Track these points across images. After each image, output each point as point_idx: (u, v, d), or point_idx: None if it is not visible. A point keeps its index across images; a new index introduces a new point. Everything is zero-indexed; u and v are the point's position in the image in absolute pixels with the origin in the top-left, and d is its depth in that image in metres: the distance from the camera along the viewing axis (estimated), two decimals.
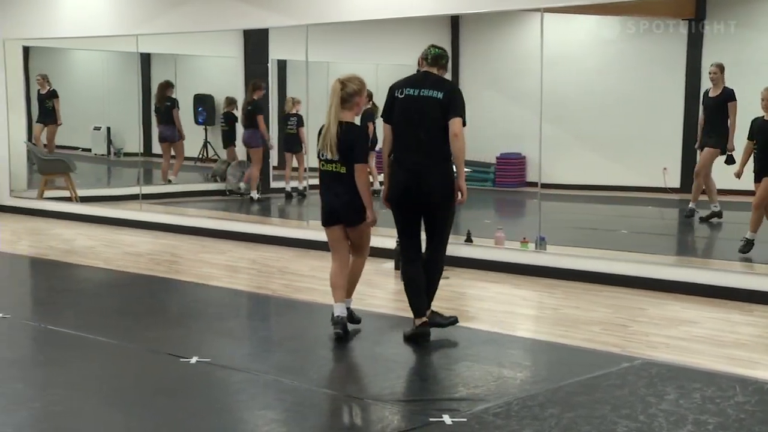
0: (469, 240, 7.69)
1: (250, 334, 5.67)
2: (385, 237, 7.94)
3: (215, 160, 12.48)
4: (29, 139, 11.78)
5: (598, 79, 11.79)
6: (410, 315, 5.88)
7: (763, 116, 7.37)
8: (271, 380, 4.49)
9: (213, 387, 4.45)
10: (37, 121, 12.58)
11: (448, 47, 11.47)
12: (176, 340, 5.34)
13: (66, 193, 10.92)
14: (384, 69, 12.20)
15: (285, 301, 6.34)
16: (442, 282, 6.82)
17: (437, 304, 5.58)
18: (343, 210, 5.23)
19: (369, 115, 9.87)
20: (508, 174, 12.00)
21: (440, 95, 5.10)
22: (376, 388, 4.37)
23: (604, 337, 5.34)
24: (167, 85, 11.97)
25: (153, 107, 12.08)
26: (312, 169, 12.03)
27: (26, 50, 11.81)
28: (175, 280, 6.99)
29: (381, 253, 7.77)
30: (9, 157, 11.00)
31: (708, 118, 8.68)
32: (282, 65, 12.25)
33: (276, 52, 11.10)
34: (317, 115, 11.56)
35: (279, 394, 4.31)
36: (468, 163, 8.33)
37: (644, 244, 8.13)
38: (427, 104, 5.10)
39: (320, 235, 8.29)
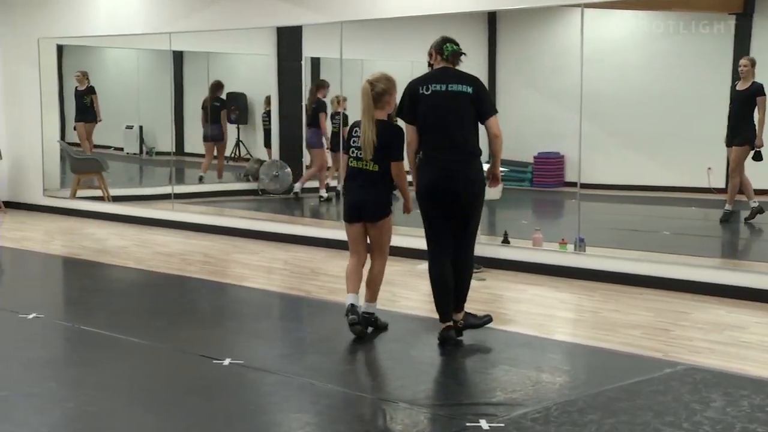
0: (506, 241, 7.66)
1: (283, 336, 5.69)
2: (419, 237, 7.93)
3: (248, 160, 12.57)
4: (62, 137, 11.94)
5: (639, 76, 11.67)
6: None
7: None
8: (305, 383, 4.50)
9: (246, 389, 4.47)
10: (77, 120, 12.69)
11: (484, 45, 11.53)
12: (209, 341, 5.38)
13: (98, 193, 11.06)
14: (419, 66, 12.17)
15: (318, 303, 6.36)
16: (478, 284, 6.86)
17: (471, 306, 5.56)
18: (366, 207, 5.30)
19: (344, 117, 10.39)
20: (546, 174, 11.92)
21: (470, 89, 5.08)
22: (411, 391, 4.36)
23: (645, 341, 5.29)
24: (218, 86, 12.16)
25: (201, 105, 12.22)
26: None
27: (60, 49, 11.96)
28: (208, 281, 7.04)
29: (414, 253, 7.76)
30: (43, 156, 11.16)
31: (736, 113, 8.57)
32: (315, 63, 12.29)
33: (309, 49, 11.13)
34: (352, 113, 11.60)
35: (312, 397, 4.32)
36: (505, 163, 8.28)
37: (687, 245, 8.03)
38: (458, 99, 5.07)
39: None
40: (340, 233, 8.53)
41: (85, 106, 12.43)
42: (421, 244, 7.59)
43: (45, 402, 4.19)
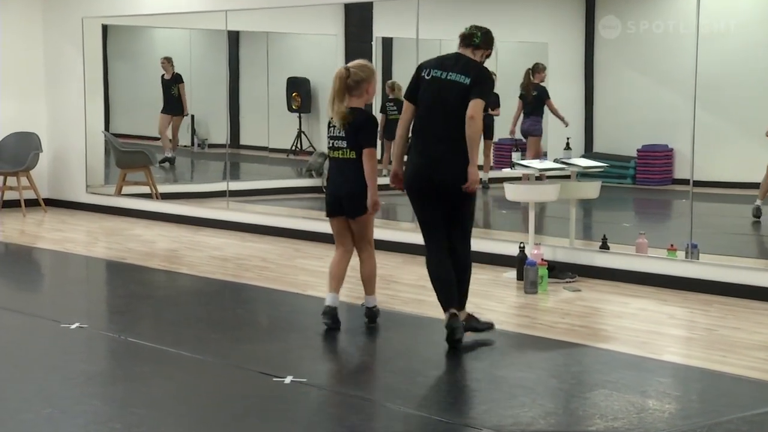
0: (604, 246, 7.57)
1: (351, 352, 5.73)
2: (506, 242, 7.90)
3: (311, 153, 12.64)
4: (107, 128, 12.18)
5: (765, 58, 11.37)
6: (537, 332, 5.84)
7: None
8: (376, 405, 4.51)
9: (309, 410, 4.51)
10: (162, 111, 12.91)
11: (581, 22, 11.40)
12: (268, 356, 5.44)
13: (146, 189, 11.27)
14: (505, 47, 12.12)
15: (390, 315, 6.37)
16: (573, 296, 6.79)
17: (567, 322, 5.50)
18: (345, 201, 5.74)
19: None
20: (652, 170, 11.71)
21: (467, 80, 5.37)
22: (497, 416, 4.34)
23: None
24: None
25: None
26: None
27: (104, 29, 12.22)
28: (267, 289, 7.13)
29: (500, 260, 7.73)
30: (86, 149, 11.40)
31: None
32: (387, 43, 12.32)
33: (381, 28, 11.17)
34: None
35: (385, 421, 4.33)
36: (604, 157, 8.22)
37: None
38: (453, 89, 5.38)
39: None
40: (416, 236, 8.53)
41: (173, 98, 12.53)
42: (508, 249, 7.60)
43: (90, 422, 4.30)
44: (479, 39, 5.52)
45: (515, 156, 7.94)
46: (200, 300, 7.10)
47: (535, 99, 10.91)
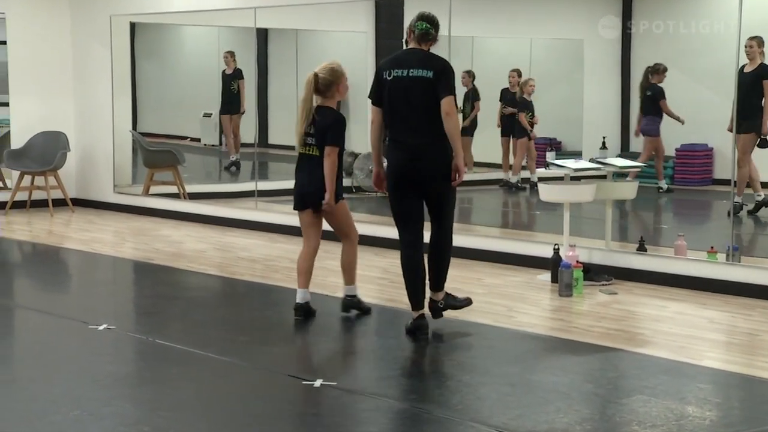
0: (642, 248, 7.52)
1: (382, 355, 5.73)
2: (540, 243, 7.87)
3: None
4: (134, 127, 12.26)
5: None
6: (572, 336, 5.82)
7: None
8: (407, 409, 4.52)
9: (339, 415, 4.52)
10: (222, 112, 12.86)
11: (618, 17, 11.32)
12: (298, 359, 5.46)
13: (173, 189, 11.34)
14: (539, 44, 12.11)
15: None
16: (608, 299, 6.76)
17: (602, 325, 5.46)
18: (312, 194, 6.08)
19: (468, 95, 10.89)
20: (691, 169, 11.61)
21: (430, 74, 5.63)
22: (531, 422, 4.33)
23: None
24: None
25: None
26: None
27: (132, 27, 12.30)
28: (296, 290, 7.12)
29: (534, 262, 7.70)
30: (113, 148, 11.47)
31: (742, 98, 8.68)
32: None
33: None
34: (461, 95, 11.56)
35: (416, 426, 4.33)
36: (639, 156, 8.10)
37: None
38: (418, 84, 5.64)
39: (463, 240, 8.30)
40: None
41: (232, 94, 12.33)
42: (542, 251, 7.57)
43: (118, 424, 4.34)
44: (433, 35, 5.78)
45: (549, 155, 7.89)
46: (228, 302, 7.14)
47: (648, 99, 10.87)
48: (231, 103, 12.42)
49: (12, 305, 7.03)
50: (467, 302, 6.06)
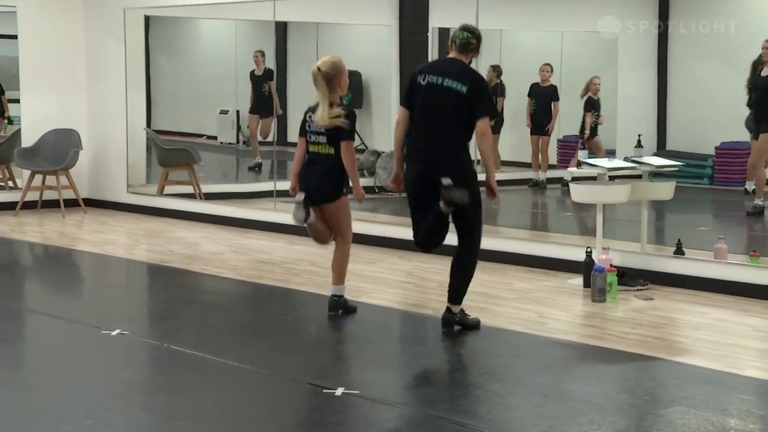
0: (679, 252, 7.47)
1: (406, 362, 5.71)
2: (572, 246, 7.83)
3: (362, 151, 12.66)
4: (148, 124, 12.31)
5: None
6: (606, 343, 5.78)
7: None
8: (433, 419, 4.50)
9: (361, 425, 4.51)
10: (251, 112, 12.87)
11: (654, 10, 11.25)
12: (318, 366, 5.45)
13: (189, 189, 11.37)
14: (571, 37, 12.06)
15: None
16: (645, 305, 6.72)
17: (639, 332, 5.41)
18: (316, 188, 6.28)
19: (493, 91, 10.90)
20: (732, 168, 11.52)
21: (464, 89, 5.76)
22: None
23: None
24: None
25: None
26: None
27: (146, 20, 12.34)
28: (316, 295, 7.14)
29: (566, 266, 7.67)
30: (127, 146, 11.52)
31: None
32: (444, 35, 12.30)
33: (438, 19, 11.14)
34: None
35: None
36: (679, 155, 8.08)
37: None
38: (450, 96, 5.78)
39: (491, 243, 8.28)
40: (483, 241, 8.49)
41: (263, 96, 12.41)
42: (574, 254, 7.53)
43: None
44: (474, 45, 5.92)
45: (582, 154, 7.85)
46: (246, 306, 7.14)
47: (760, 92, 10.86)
48: (263, 104, 12.42)
49: (22, 309, 7.06)
50: (477, 324, 6.09)
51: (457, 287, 6.02)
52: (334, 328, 6.44)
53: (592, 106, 11.14)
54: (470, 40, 5.90)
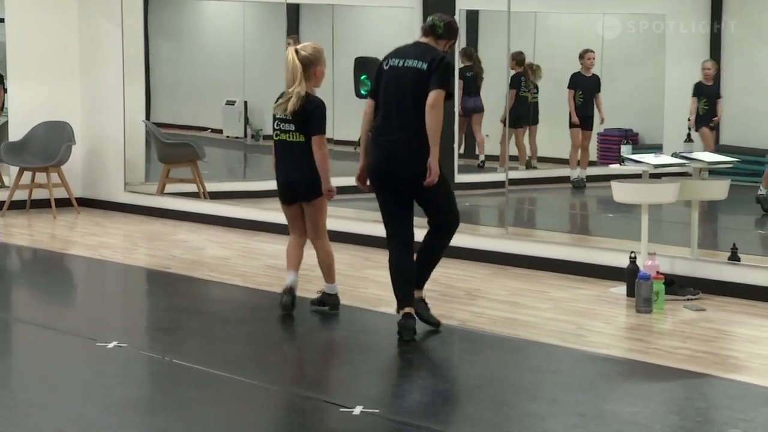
0: (734, 257, 7.44)
1: (430, 378, 5.72)
2: (614, 251, 7.81)
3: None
4: (147, 116, 12.33)
5: None
6: (653, 359, 5.77)
7: None
8: None
9: None
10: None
11: None
12: (334, 382, 5.46)
13: (192, 188, 11.40)
14: (612, 20, 12.03)
15: (476, 335, 6.36)
16: (696, 316, 6.72)
17: (689, 347, 5.39)
18: (299, 186, 6.60)
19: (515, 80, 11.27)
20: None
21: (425, 66, 5.99)
22: None
23: None
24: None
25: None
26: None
27: (145, 2, 12.37)
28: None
29: (607, 273, 7.65)
30: (124, 141, 11.54)
31: None
32: (473, 18, 12.32)
33: (465, 0, 11.16)
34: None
35: None
36: (733, 151, 8.06)
37: None
38: (410, 76, 6.02)
39: (524, 247, 8.27)
40: (506, 244, 8.50)
41: None
42: (617, 260, 7.51)
43: None
44: (442, 29, 6.12)
45: (625, 149, 7.82)
46: (256, 316, 7.16)
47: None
48: None
49: (10, 319, 7.11)
50: (436, 323, 6.32)
51: (421, 273, 6.31)
52: (350, 341, 6.45)
53: (701, 91, 11.01)
54: (436, 22, 6.13)
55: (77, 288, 8.55)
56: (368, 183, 6.32)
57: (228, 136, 14.38)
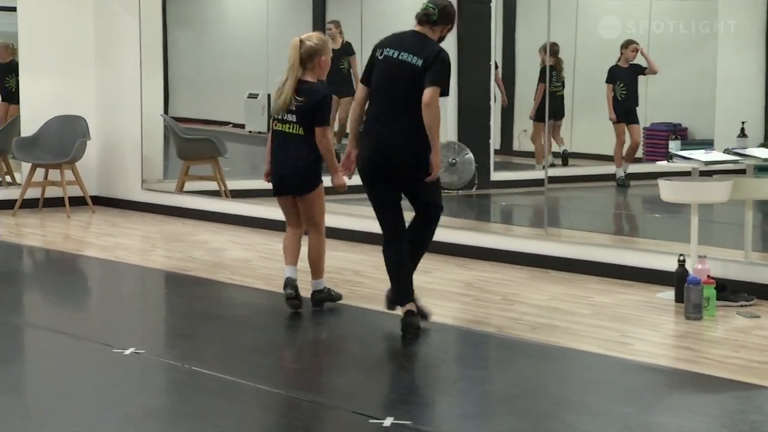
0: None
1: (466, 388, 5.72)
2: (661, 254, 7.78)
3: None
4: (166, 111, 12.38)
5: None
6: (703, 369, 5.75)
7: None
8: None
9: None
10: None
11: None
12: (363, 392, 5.46)
13: (213, 186, 11.44)
14: (660, 5, 11.96)
15: (513, 343, 6.35)
16: (749, 324, 6.69)
17: (742, 357, 5.37)
18: (290, 178, 6.77)
19: (546, 73, 11.10)
20: None
21: (419, 62, 6.16)
22: None
23: None
24: None
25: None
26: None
27: None
28: (360, 309, 7.17)
29: (654, 277, 7.63)
30: (142, 136, 11.58)
31: None
32: (510, 4, 12.30)
33: None
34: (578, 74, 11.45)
35: None
36: None
37: None
38: (403, 70, 6.20)
39: (564, 249, 8.25)
40: (546, 246, 8.49)
41: (341, 74, 12.09)
42: (663, 263, 7.48)
43: None
44: (437, 16, 6.24)
45: (673, 145, 7.78)
46: (279, 322, 7.17)
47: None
48: (340, 83, 12.10)
49: (22, 323, 7.16)
50: (425, 316, 6.51)
51: (415, 266, 6.51)
52: (380, 348, 6.46)
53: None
54: (430, 10, 6.24)
55: (92, 291, 8.60)
56: (357, 172, 6.48)
57: (250, 131, 14.41)
